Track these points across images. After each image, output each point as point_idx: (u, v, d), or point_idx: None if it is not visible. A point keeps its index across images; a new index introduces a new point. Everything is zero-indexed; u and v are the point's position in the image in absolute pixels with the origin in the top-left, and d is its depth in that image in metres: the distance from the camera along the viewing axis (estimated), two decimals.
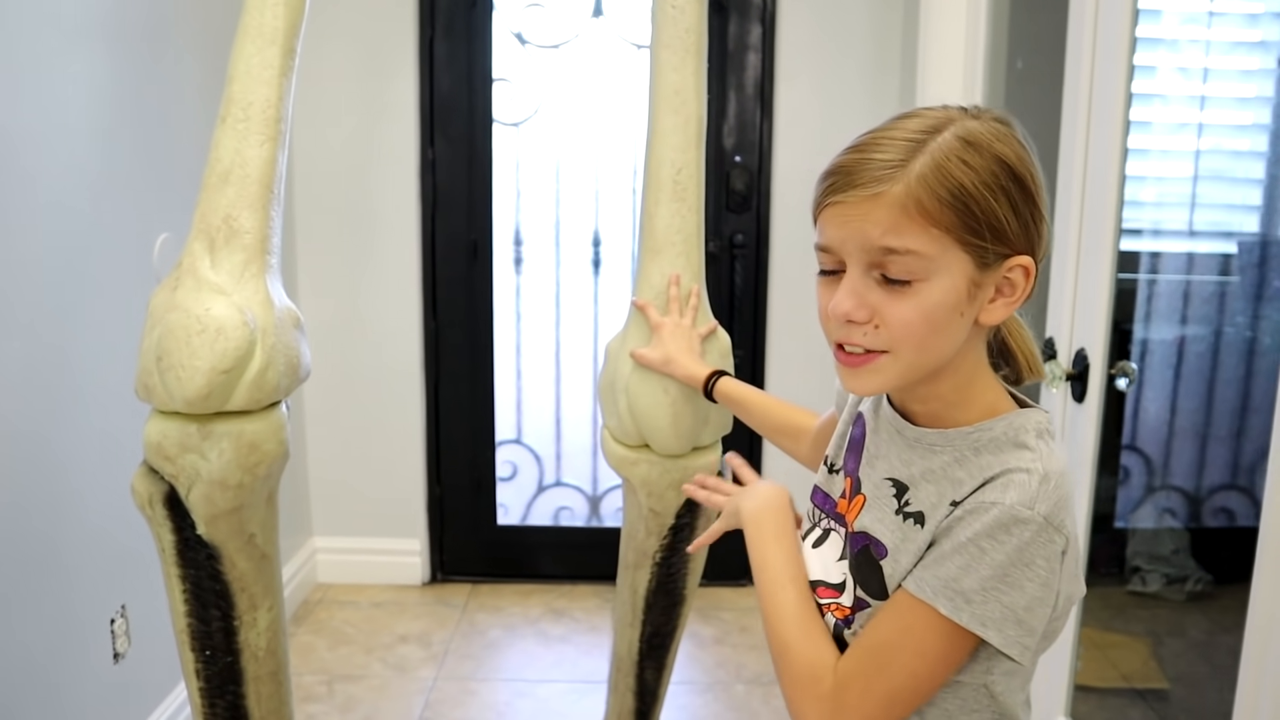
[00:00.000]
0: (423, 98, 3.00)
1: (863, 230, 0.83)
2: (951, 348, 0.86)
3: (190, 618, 1.32)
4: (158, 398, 1.21)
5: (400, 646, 2.88)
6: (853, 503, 0.94)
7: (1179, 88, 3.05)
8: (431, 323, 3.13)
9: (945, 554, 0.83)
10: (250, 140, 1.27)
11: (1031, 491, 0.82)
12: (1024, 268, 0.84)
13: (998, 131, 0.84)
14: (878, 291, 0.84)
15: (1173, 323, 3.32)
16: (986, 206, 0.81)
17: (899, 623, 0.85)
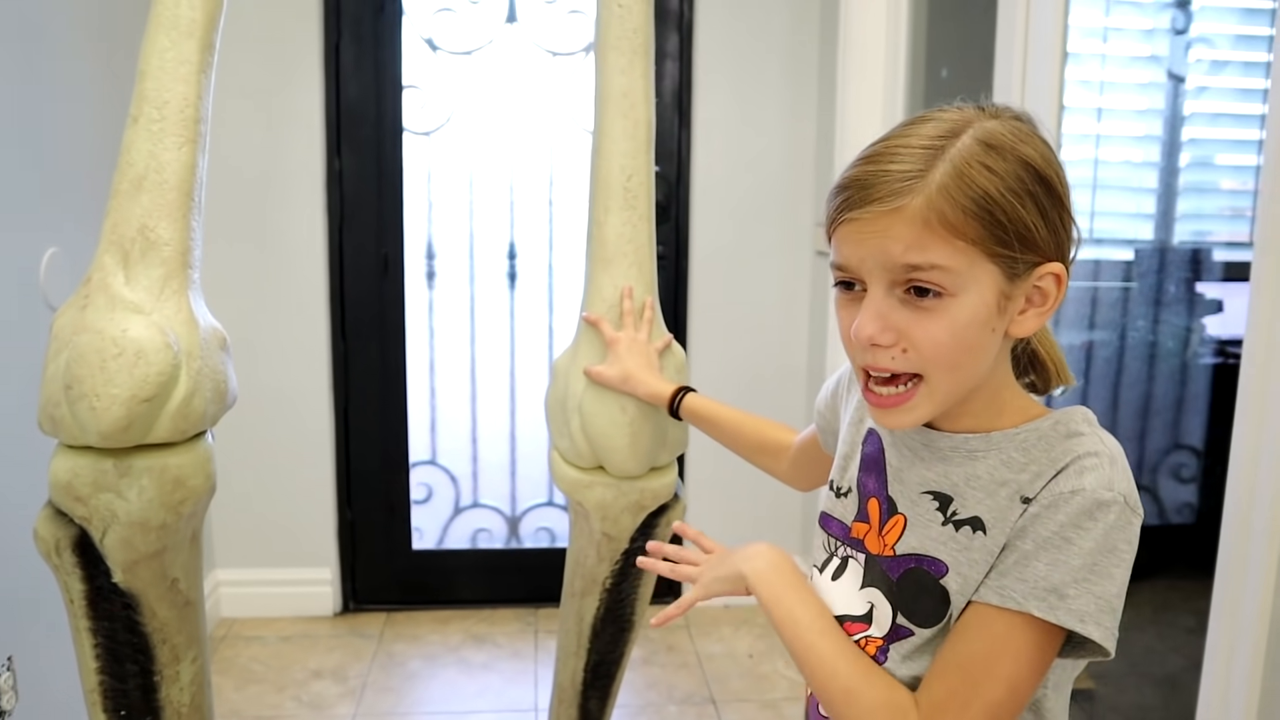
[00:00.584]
0: (328, 106, 2.87)
1: (883, 247, 0.77)
2: (985, 365, 0.81)
3: (103, 674, 1.18)
4: (66, 431, 1.08)
5: (314, 683, 2.72)
6: (888, 525, 0.88)
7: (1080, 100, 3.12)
8: (340, 341, 2.99)
9: (1028, 554, 0.78)
10: (166, 143, 1.15)
11: (1106, 473, 0.78)
12: (1055, 275, 0.80)
13: (1019, 131, 0.79)
14: (902, 311, 0.79)
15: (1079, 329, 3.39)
16: (1014, 214, 0.76)
17: (987, 636, 0.79)
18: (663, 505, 1.49)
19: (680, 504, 1.52)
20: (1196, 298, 3.31)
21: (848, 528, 0.93)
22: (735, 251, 3.01)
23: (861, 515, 0.91)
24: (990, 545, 0.81)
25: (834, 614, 0.91)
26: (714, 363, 3.02)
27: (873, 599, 0.88)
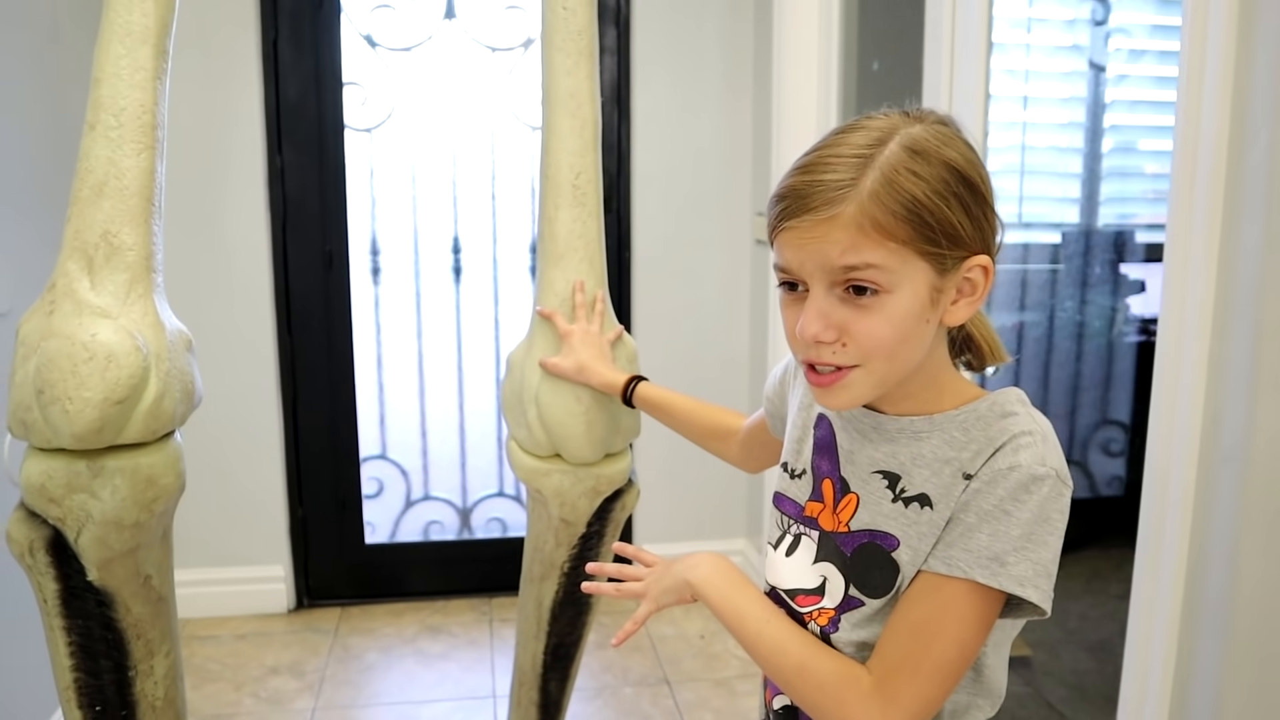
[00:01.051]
0: (268, 103, 2.87)
1: (821, 251, 0.83)
2: (920, 353, 0.87)
3: (78, 671, 1.20)
4: (38, 434, 1.10)
5: (271, 679, 2.74)
6: (842, 503, 0.94)
7: (1006, 88, 3.23)
8: (286, 338, 2.99)
9: (971, 526, 0.84)
10: (125, 149, 1.17)
11: (1039, 450, 0.84)
12: (982, 267, 0.86)
13: (942, 135, 0.85)
14: (842, 309, 0.84)
15: (1012, 309, 3.51)
16: (940, 215, 0.82)
17: (934, 602, 0.85)
18: (618, 490, 1.54)
19: (634, 489, 1.58)
20: (1121, 278, 3.45)
21: (801, 507, 0.99)
22: (677, 242, 3.06)
23: (816, 495, 0.97)
24: (936, 519, 0.87)
25: (788, 587, 0.97)
26: (658, 351, 3.07)
27: (825, 572, 0.94)
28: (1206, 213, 1.25)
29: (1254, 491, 1.22)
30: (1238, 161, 1.22)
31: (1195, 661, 1.32)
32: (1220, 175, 1.23)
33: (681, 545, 3.21)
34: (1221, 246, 1.24)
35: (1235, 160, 1.22)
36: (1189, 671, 1.33)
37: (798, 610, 0.96)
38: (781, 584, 0.97)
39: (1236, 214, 1.22)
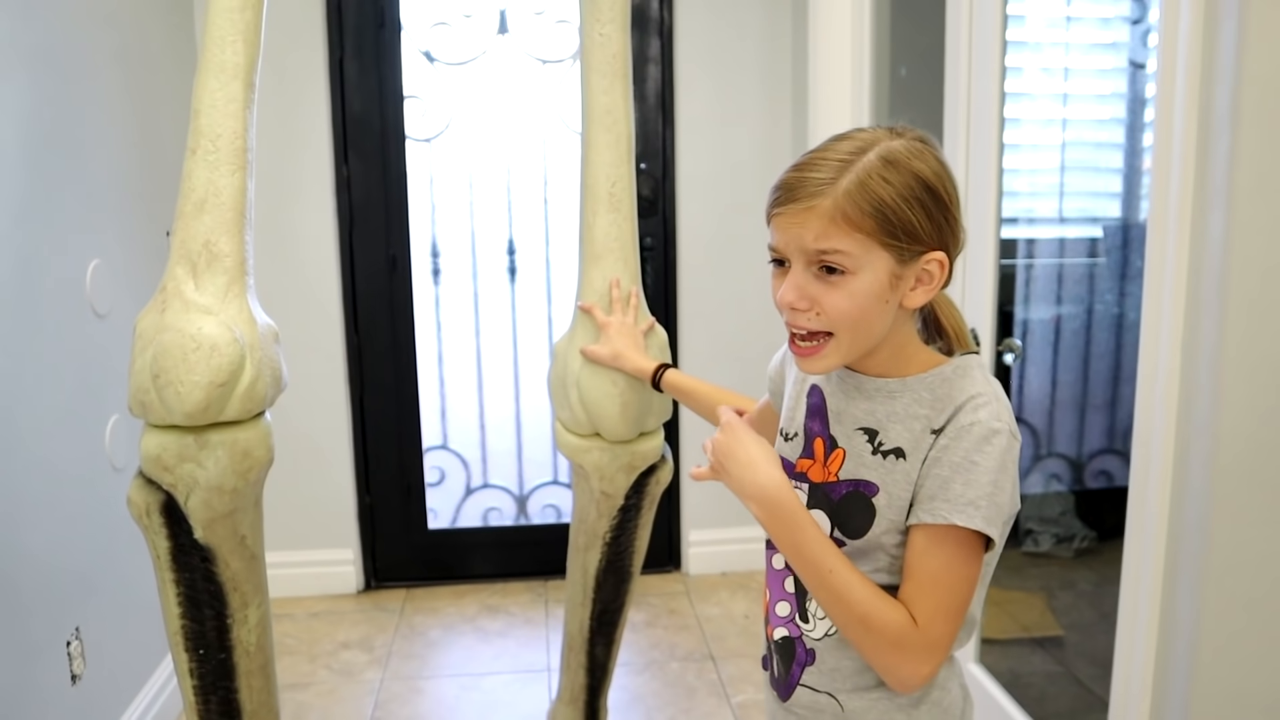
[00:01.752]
0: (335, 117, 3.08)
1: (800, 236, 0.99)
2: (882, 328, 1.03)
3: (185, 619, 1.40)
4: (154, 413, 1.30)
5: (343, 653, 2.95)
6: (831, 457, 1.09)
7: (1044, 86, 3.32)
8: (354, 336, 3.20)
9: (945, 479, 0.99)
10: (221, 170, 1.37)
11: (994, 408, 1.00)
12: (939, 261, 1.01)
13: (915, 149, 1.01)
14: (815, 284, 1.00)
15: (1049, 303, 3.60)
16: (902, 215, 0.98)
17: (937, 551, 1.00)
18: (652, 466, 1.72)
19: (667, 465, 1.75)
20: None
21: (793, 465, 1.14)
22: (719, 241, 3.22)
23: (807, 453, 1.13)
24: (909, 469, 1.02)
25: None
26: (701, 343, 3.24)
27: (816, 519, 1.10)
28: (1179, 212, 1.38)
29: (1224, 459, 1.35)
30: (1204, 166, 1.35)
31: (1175, 614, 1.45)
32: (1190, 181, 1.37)
33: (729, 530, 3.37)
34: (1192, 241, 1.37)
35: (1201, 166, 1.35)
36: (1171, 621, 1.47)
37: None
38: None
39: (1204, 211, 1.35)
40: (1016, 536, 3.08)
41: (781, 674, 1.16)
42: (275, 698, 1.54)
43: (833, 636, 1.10)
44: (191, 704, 1.47)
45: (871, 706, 1.09)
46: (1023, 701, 2.18)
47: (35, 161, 1.99)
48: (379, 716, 2.60)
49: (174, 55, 2.79)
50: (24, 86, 1.95)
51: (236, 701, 1.47)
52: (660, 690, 2.72)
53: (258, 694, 1.49)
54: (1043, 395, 3.52)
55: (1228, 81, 1.30)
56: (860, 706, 1.09)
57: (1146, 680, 1.52)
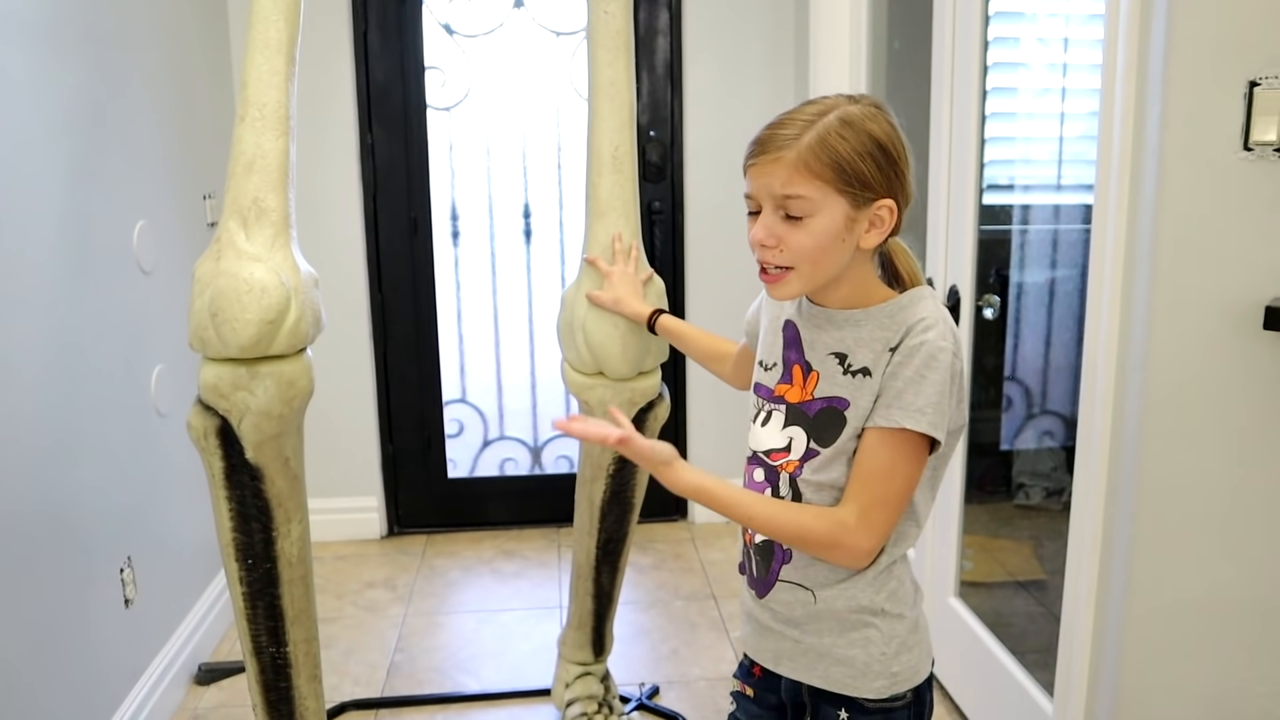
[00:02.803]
0: (359, 87, 3.24)
1: (769, 184, 1.17)
2: (839, 263, 1.20)
3: (235, 532, 1.60)
4: (212, 348, 1.49)
5: (368, 591, 3.15)
6: (808, 380, 1.27)
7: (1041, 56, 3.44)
8: (378, 295, 3.39)
9: (899, 390, 1.16)
10: (267, 135, 1.54)
11: (940, 329, 1.17)
12: (889, 208, 1.18)
13: (869, 113, 1.17)
14: (782, 225, 1.18)
15: (1044, 267, 3.74)
16: (855, 166, 1.15)
17: (883, 451, 1.18)
18: (650, 402, 1.90)
19: (664, 402, 1.94)
20: None
21: (771, 390, 1.31)
22: (725, 205, 3.38)
23: (785, 378, 1.30)
24: (873, 384, 1.20)
25: (764, 448, 1.30)
26: (707, 301, 3.41)
27: (792, 434, 1.27)
28: (1119, 179, 1.55)
29: (1154, 391, 1.52)
30: (1140, 132, 1.51)
31: (1113, 534, 1.63)
32: (1128, 146, 1.53)
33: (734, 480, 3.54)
34: (1130, 201, 1.54)
35: (1139, 132, 1.51)
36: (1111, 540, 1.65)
37: (771, 464, 1.29)
38: (760, 446, 1.31)
39: (1140, 178, 1.51)
40: (1009, 490, 3.23)
41: (761, 573, 1.33)
42: (314, 606, 1.73)
43: None
44: (241, 609, 1.66)
45: (840, 594, 1.26)
46: (1003, 639, 2.32)
47: (86, 131, 2.16)
48: (402, 647, 2.80)
49: (208, 32, 2.96)
50: (77, 63, 2.12)
51: (280, 607, 1.67)
52: (664, 625, 2.91)
53: (298, 601, 1.69)
54: (1036, 355, 3.66)
55: (1159, 54, 1.45)
56: (830, 594, 1.27)
57: (1090, 591, 1.70)
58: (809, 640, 1.29)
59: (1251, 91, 1.42)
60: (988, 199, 2.61)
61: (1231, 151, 1.44)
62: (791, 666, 1.32)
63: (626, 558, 2.18)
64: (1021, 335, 3.58)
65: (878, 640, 1.26)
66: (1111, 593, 1.65)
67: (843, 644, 1.27)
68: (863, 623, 1.27)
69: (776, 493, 1.29)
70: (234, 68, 3.10)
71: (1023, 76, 3.36)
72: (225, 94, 3.04)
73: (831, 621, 1.28)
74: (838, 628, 1.27)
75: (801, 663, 1.31)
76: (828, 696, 1.29)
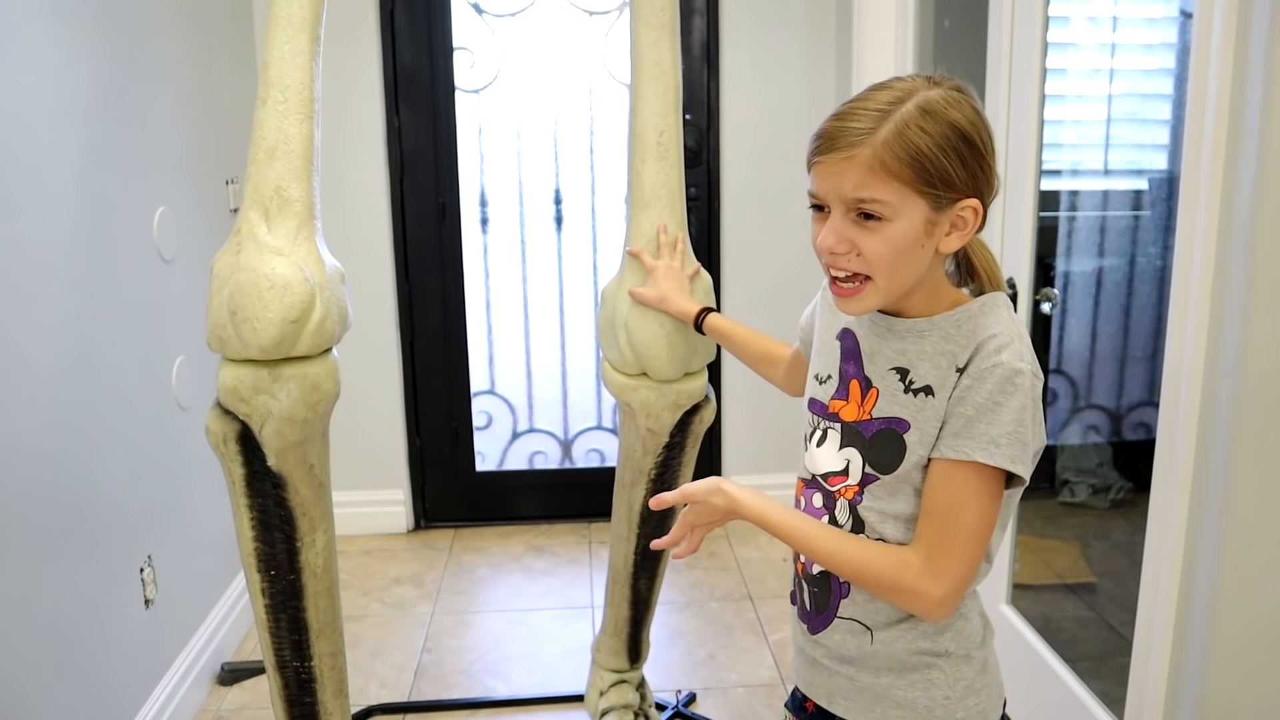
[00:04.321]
0: (386, 68, 3.15)
1: (840, 185, 1.04)
2: (917, 272, 1.08)
3: (257, 542, 1.50)
4: (231, 348, 1.39)
5: (395, 588, 3.08)
6: (866, 397, 1.15)
7: (1091, 36, 3.31)
8: (405, 283, 3.30)
9: (971, 419, 1.05)
10: (290, 119, 1.44)
11: (1017, 349, 1.05)
12: (973, 209, 1.06)
13: (952, 99, 1.05)
14: (854, 229, 1.06)
15: (1091, 255, 3.61)
16: (939, 164, 1.02)
17: (952, 486, 1.06)
18: (696, 405, 1.79)
19: (710, 405, 1.83)
20: None
21: (826, 406, 1.20)
22: (760, 191, 3.27)
23: (841, 394, 1.19)
24: (937, 406, 1.08)
25: (821, 471, 1.19)
26: (743, 291, 3.30)
27: (849, 456, 1.16)
28: (1211, 161, 1.42)
29: (1248, 403, 1.40)
30: (1238, 116, 1.38)
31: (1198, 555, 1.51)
32: (1223, 129, 1.40)
33: (769, 476, 3.44)
34: (1224, 190, 1.41)
35: (1235, 115, 1.39)
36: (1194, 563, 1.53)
37: (829, 489, 1.18)
38: (817, 469, 1.20)
39: (1235, 160, 1.39)
40: (1053, 486, 3.12)
41: (815, 607, 1.22)
42: (340, 618, 1.64)
43: None
44: (263, 621, 1.57)
45: (900, 636, 1.15)
46: (1054, 644, 2.24)
47: (105, 115, 2.08)
48: (430, 647, 2.72)
49: (230, 14, 2.87)
50: (95, 44, 2.04)
51: (304, 620, 1.58)
52: (700, 628, 2.82)
53: (324, 613, 1.59)
54: (1082, 347, 3.53)
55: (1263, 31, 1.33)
56: (889, 636, 1.16)
57: (1169, 620, 1.58)
58: (865, 679, 1.19)
59: None
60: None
61: None
62: (846, 706, 1.21)
63: (666, 564, 2.09)
64: (1067, 327, 3.46)
65: (941, 683, 1.16)
66: (1193, 618, 1.53)
67: (902, 685, 1.17)
68: (924, 664, 1.16)
69: (834, 522, 1.18)
70: (257, 47, 3.01)
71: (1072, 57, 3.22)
72: (248, 75, 2.95)
73: (890, 661, 1.17)
74: (897, 668, 1.17)
75: (857, 703, 1.20)
76: None
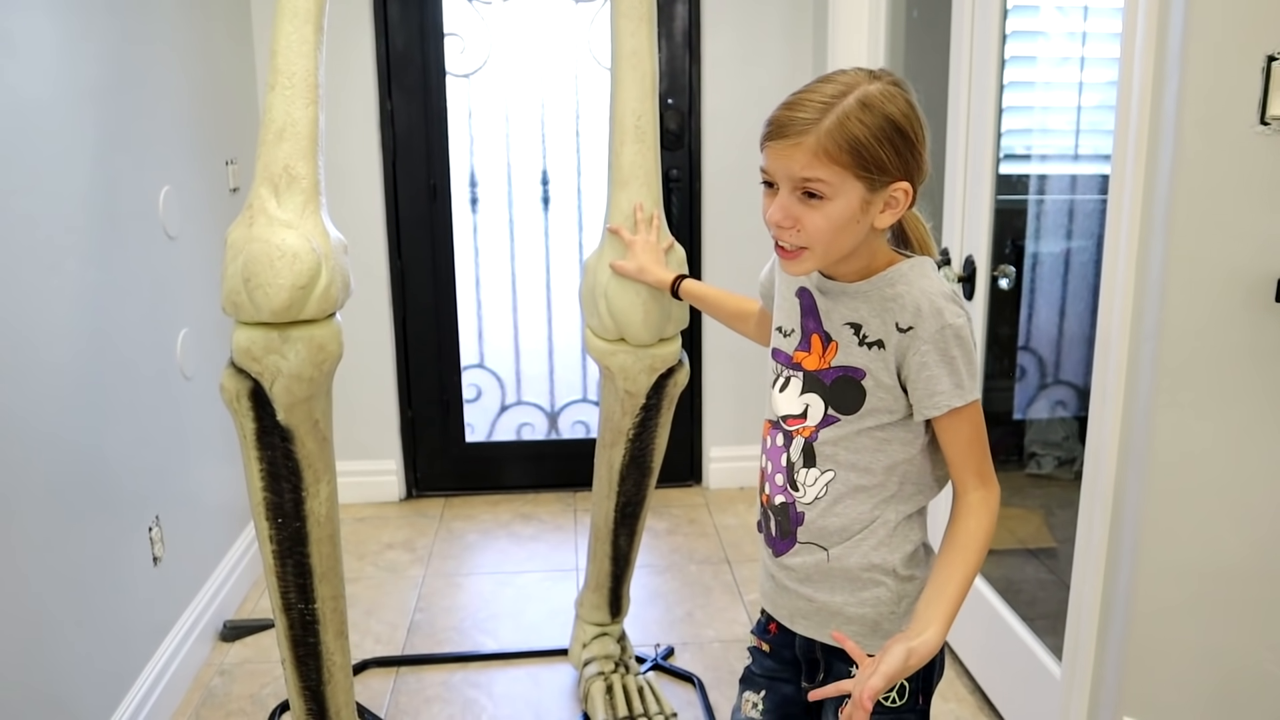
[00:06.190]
0: (379, 54, 3.26)
1: (788, 166, 1.19)
2: (852, 243, 1.23)
3: (266, 492, 1.64)
4: (245, 312, 1.52)
5: (388, 552, 3.21)
6: (827, 349, 1.30)
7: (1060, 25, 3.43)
8: (397, 260, 3.42)
9: (935, 376, 1.21)
10: (297, 103, 1.57)
11: (951, 307, 1.21)
12: (904, 190, 1.20)
13: (889, 93, 1.19)
14: (798, 206, 1.20)
15: (1060, 237, 3.75)
16: (874, 151, 1.17)
17: (956, 429, 1.24)
18: (670, 369, 1.94)
19: (684, 368, 1.97)
20: None
21: (790, 356, 1.35)
22: (740, 173, 3.39)
23: (804, 345, 1.33)
24: (886, 356, 1.23)
25: (782, 414, 1.34)
26: (724, 267, 3.44)
27: (809, 401, 1.31)
28: (1135, 150, 1.56)
29: (1166, 360, 1.55)
30: (1158, 104, 1.53)
31: (1123, 499, 1.66)
32: (1145, 121, 1.55)
33: (747, 447, 3.59)
34: (1146, 173, 1.56)
35: (1156, 104, 1.53)
36: (1121, 506, 1.68)
37: (788, 429, 1.32)
38: (778, 411, 1.34)
39: (1156, 151, 1.53)
40: (1021, 459, 3.26)
41: (779, 533, 1.37)
42: (340, 564, 1.78)
43: (821, 500, 1.31)
44: (271, 566, 1.71)
45: (852, 549, 1.30)
46: (1014, 605, 2.36)
47: (112, 98, 2.18)
48: (422, 606, 2.86)
49: (231, 2, 2.98)
50: (101, 29, 2.14)
51: (309, 564, 1.71)
52: (679, 588, 2.97)
53: (326, 559, 1.73)
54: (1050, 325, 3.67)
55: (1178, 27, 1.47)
56: (842, 551, 1.31)
57: (1100, 555, 1.73)
58: (822, 598, 1.34)
59: (1270, 66, 1.44)
60: (1004, 169, 2.62)
61: (1248, 126, 1.46)
62: (805, 625, 1.37)
63: (644, 521, 2.22)
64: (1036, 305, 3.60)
65: (887, 599, 1.31)
66: (1121, 557, 1.68)
67: (854, 603, 1.32)
68: (874, 581, 1.31)
69: (790, 456, 1.32)
70: (255, 33, 3.12)
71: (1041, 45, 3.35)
72: (246, 60, 3.07)
73: (843, 580, 1.32)
74: (849, 586, 1.32)
75: (815, 620, 1.35)
76: (839, 654, 1.33)
